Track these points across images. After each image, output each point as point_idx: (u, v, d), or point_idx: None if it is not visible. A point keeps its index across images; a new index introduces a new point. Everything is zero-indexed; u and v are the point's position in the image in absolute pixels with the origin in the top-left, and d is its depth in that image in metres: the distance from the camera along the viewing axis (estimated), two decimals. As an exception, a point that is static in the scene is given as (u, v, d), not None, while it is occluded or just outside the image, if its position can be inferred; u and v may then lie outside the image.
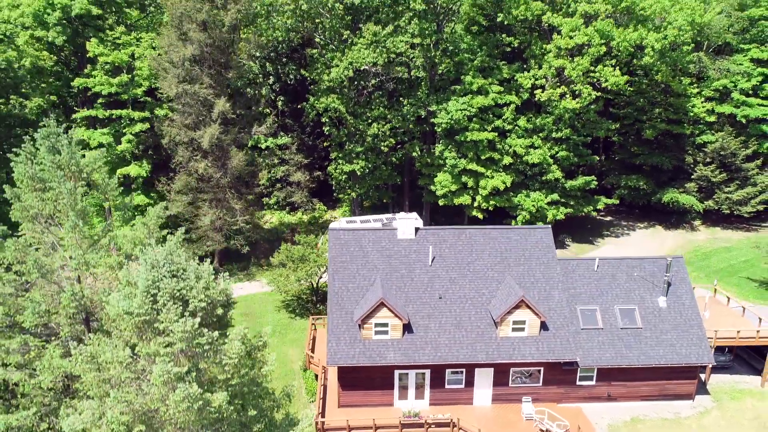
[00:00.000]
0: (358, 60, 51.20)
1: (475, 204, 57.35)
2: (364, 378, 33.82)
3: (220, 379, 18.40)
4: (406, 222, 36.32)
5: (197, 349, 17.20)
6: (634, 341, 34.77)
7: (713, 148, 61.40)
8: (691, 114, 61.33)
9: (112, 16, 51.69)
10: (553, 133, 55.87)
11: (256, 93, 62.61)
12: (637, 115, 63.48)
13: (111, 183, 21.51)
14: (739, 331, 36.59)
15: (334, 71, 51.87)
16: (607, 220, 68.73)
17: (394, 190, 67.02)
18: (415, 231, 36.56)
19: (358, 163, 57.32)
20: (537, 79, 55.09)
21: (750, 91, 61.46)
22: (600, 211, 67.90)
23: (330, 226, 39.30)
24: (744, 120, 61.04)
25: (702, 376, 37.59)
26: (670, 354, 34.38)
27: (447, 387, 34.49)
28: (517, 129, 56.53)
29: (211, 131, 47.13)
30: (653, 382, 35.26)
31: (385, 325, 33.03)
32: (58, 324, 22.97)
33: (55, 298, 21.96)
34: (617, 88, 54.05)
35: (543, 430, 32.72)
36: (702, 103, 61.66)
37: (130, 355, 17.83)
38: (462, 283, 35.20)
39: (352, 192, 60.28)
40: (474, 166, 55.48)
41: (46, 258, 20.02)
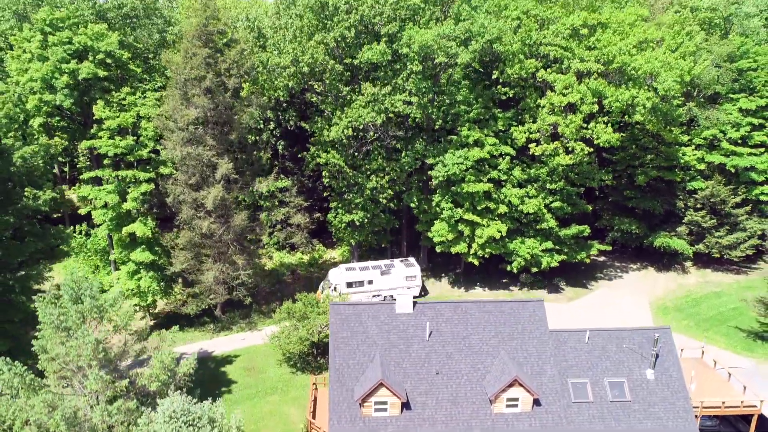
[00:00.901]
0: (357, 119, 52.66)
1: (472, 251, 58.88)
2: (365, 453, 35.13)
3: None
4: (403, 297, 37.77)
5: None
6: (623, 414, 36.17)
7: (703, 195, 62.92)
8: (682, 161, 62.85)
9: (116, 72, 52.92)
10: (548, 185, 57.39)
11: (258, 140, 63.98)
12: (630, 160, 64.95)
13: (128, 312, 22.83)
14: (724, 401, 38.08)
15: (334, 130, 53.35)
16: (601, 260, 70.23)
17: (393, 233, 68.41)
18: (413, 305, 38.01)
19: (357, 213, 58.75)
20: (531, 133, 56.59)
21: (739, 141, 63.04)
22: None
23: (329, 274, 40.67)
24: (733, 170, 62.63)
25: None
26: (658, 428, 35.77)
27: (445, 461, 35.79)
28: (512, 179, 58.08)
29: (214, 192, 48.46)
30: (641, 453, 36.61)
31: (384, 403, 34.43)
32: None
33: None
34: (609, 145, 55.60)
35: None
36: (692, 151, 63.14)
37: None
38: (458, 358, 36.60)
39: (352, 239, 61.71)
40: (470, 215, 56.99)
41: (70, 408, 21.30)
